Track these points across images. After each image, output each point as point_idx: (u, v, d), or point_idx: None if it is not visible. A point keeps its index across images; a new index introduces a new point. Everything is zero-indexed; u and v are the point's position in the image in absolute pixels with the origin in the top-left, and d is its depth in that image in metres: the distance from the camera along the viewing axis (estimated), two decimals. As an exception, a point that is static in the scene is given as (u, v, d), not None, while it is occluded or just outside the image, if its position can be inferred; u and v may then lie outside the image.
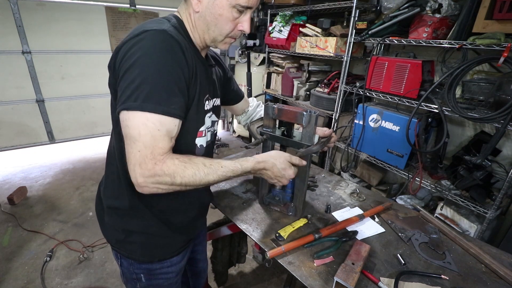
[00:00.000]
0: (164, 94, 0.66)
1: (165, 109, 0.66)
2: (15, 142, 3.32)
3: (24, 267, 1.96)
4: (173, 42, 0.68)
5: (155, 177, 0.67)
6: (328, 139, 1.02)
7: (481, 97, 1.65)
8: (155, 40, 0.66)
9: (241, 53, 3.98)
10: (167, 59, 0.66)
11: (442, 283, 0.83)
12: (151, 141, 0.65)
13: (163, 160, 0.67)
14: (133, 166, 0.66)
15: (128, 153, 0.67)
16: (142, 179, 0.66)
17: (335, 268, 0.83)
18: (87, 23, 3.29)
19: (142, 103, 0.64)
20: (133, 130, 0.65)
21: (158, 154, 0.66)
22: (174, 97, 0.68)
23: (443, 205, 1.93)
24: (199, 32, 0.79)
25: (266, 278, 1.99)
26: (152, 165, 0.66)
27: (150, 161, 0.65)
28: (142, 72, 0.64)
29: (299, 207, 1.07)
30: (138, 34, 0.67)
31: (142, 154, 0.65)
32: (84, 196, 2.82)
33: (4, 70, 3.01)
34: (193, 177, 0.71)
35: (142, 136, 0.65)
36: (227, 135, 4.65)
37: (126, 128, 0.66)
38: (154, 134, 0.65)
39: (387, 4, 1.97)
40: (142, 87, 0.64)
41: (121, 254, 0.91)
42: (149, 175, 0.66)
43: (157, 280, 0.95)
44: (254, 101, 1.26)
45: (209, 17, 0.74)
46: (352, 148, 2.38)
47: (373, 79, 2.11)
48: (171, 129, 0.69)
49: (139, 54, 0.64)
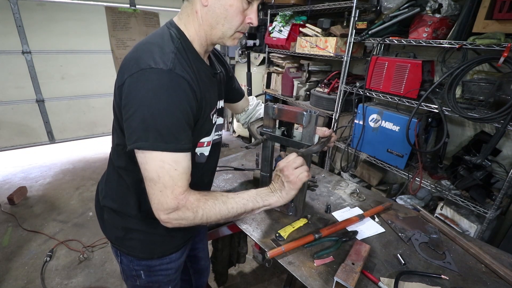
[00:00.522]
0: (174, 132, 0.68)
1: (177, 146, 0.68)
2: (15, 142, 3.32)
3: (24, 267, 1.96)
4: (181, 81, 0.68)
5: (177, 213, 0.71)
6: (328, 139, 1.02)
7: (481, 97, 1.65)
8: (162, 80, 0.66)
9: (241, 53, 3.98)
10: (175, 98, 0.67)
11: (442, 283, 0.83)
12: (170, 182, 0.68)
13: (185, 198, 0.71)
14: (157, 205, 0.70)
15: (150, 194, 0.70)
16: (165, 216, 0.71)
17: (335, 268, 0.83)
18: (87, 23, 3.29)
19: (153, 143, 0.66)
20: (152, 173, 0.68)
21: (179, 193, 0.70)
22: (183, 132, 0.70)
23: (443, 205, 1.93)
24: (205, 30, 0.76)
25: (266, 278, 1.99)
26: (175, 204, 0.70)
27: (172, 200, 0.69)
28: (153, 112, 0.65)
29: (299, 207, 1.07)
30: (145, 69, 0.66)
31: (163, 194, 0.69)
32: (84, 196, 2.82)
33: (4, 70, 3.01)
34: (213, 206, 0.75)
35: (161, 178, 0.68)
36: (227, 135, 4.65)
37: (145, 171, 0.69)
38: (172, 175, 0.68)
39: (387, 4, 1.97)
40: (153, 127, 0.66)
41: (120, 251, 0.92)
42: (171, 211, 0.70)
43: (156, 276, 0.96)
44: (254, 100, 1.27)
45: (219, 9, 0.72)
46: (352, 148, 2.38)
47: (373, 79, 2.11)
48: (186, 165, 0.71)
49: (149, 94, 0.65)
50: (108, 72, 3.60)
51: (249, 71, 3.71)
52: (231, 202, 0.77)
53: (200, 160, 0.88)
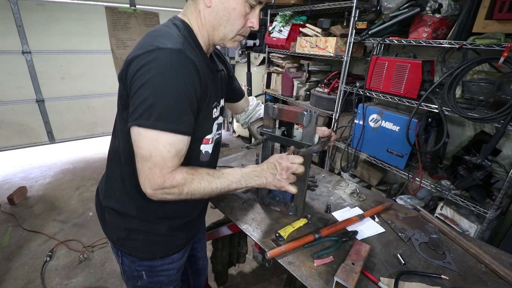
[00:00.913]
0: (176, 114, 0.68)
1: (175, 127, 0.68)
2: (15, 142, 3.32)
3: (24, 267, 1.96)
4: (188, 62, 0.68)
5: (164, 189, 0.72)
6: (328, 138, 1.03)
7: (481, 97, 1.65)
8: (171, 60, 0.66)
9: (241, 53, 3.98)
10: (181, 79, 0.67)
11: (442, 283, 0.83)
12: (160, 161, 0.69)
13: (172, 176, 0.72)
14: (143, 180, 0.71)
15: (139, 168, 0.71)
16: (151, 191, 0.72)
17: (335, 268, 0.83)
18: (87, 23, 3.29)
19: (154, 122, 0.66)
20: (144, 150, 0.68)
21: (167, 172, 0.71)
22: (185, 115, 0.70)
23: (443, 205, 1.93)
24: (208, 30, 0.78)
25: (266, 278, 1.99)
26: (162, 181, 0.71)
27: (159, 178, 0.70)
28: (156, 91, 0.65)
29: (299, 207, 1.07)
30: (153, 50, 0.66)
31: (152, 171, 0.70)
32: (84, 196, 2.82)
33: (4, 70, 3.01)
34: (198, 185, 0.76)
35: (152, 157, 0.68)
36: (227, 135, 4.65)
37: (138, 148, 0.69)
38: (164, 156, 0.69)
39: (387, 4, 1.97)
40: (155, 106, 0.66)
41: (122, 252, 0.91)
42: (158, 188, 0.71)
43: (158, 277, 0.96)
44: (254, 100, 1.27)
45: (222, 12, 0.74)
46: (352, 148, 2.38)
47: (373, 79, 2.11)
48: (180, 148, 0.72)
49: (154, 72, 0.65)
50: (108, 72, 3.60)
51: (249, 71, 3.71)
52: (216, 182, 0.78)
53: (204, 159, 0.88)
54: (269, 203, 1.13)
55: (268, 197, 1.13)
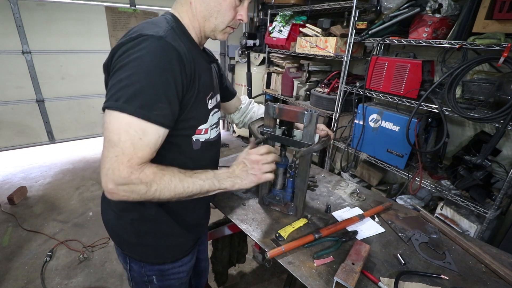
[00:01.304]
0: (148, 99, 0.63)
1: (146, 114, 0.63)
2: (15, 142, 3.32)
3: (24, 267, 1.96)
4: (169, 48, 0.66)
5: (129, 185, 0.64)
6: (329, 138, 1.03)
7: (481, 97, 1.65)
8: (150, 45, 0.64)
9: (241, 53, 3.98)
10: (160, 65, 0.64)
11: (442, 283, 0.83)
12: (130, 149, 0.63)
13: (141, 169, 0.65)
14: (106, 171, 0.63)
15: (104, 156, 0.63)
16: (113, 185, 0.63)
17: (335, 268, 0.83)
18: (87, 23, 3.29)
19: (123, 104, 0.61)
20: (113, 134, 0.62)
21: (136, 164, 0.64)
22: (159, 103, 0.65)
23: (443, 205, 1.93)
24: (199, 21, 0.78)
25: (266, 278, 1.99)
26: (128, 173, 0.63)
27: (126, 169, 0.62)
28: (131, 74, 0.63)
29: (299, 207, 1.07)
30: (136, 37, 0.65)
31: (118, 160, 0.62)
32: (84, 196, 2.82)
33: (4, 70, 3.01)
34: (169, 183, 0.69)
35: (121, 142, 0.62)
36: (227, 135, 4.64)
37: (106, 131, 0.63)
38: (134, 142, 0.63)
39: (387, 4, 1.97)
40: (127, 88, 0.62)
41: (131, 258, 0.89)
42: (122, 182, 0.63)
43: (169, 281, 0.94)
44: (246, 99, 1.26)
45: (213, 3, 0.75)
46: (352, 148, 2.38)
47: (373, 79, 2.11)
48: (155, 140, 0.66)
49: (132, 57, 0.64)
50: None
51: (249, 71, 3.71)
52: (188, 181, 0.72)
53: (196, 147, 0.83)
54: (269, 203, 1.14)
55: (268, 197, 1.13)
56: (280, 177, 1.10)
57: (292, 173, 1.07)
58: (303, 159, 0.97)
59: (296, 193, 1.06)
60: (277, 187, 1.12)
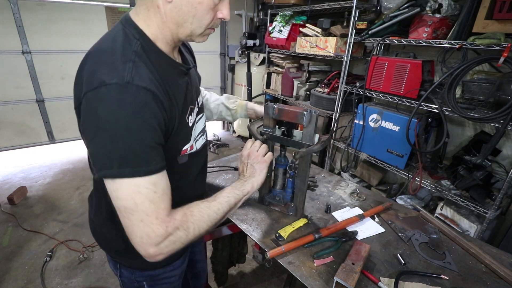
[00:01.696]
0: (141, 154, 0.59)
1: (147, 169, 0.60)
2: (15, 142, 3.32)
3: (24, 267, 1.96)
4: (141, 93, 0.59)
5: (169, 239, 0.62)
6: (329, 138, 1.03)
7: (481, 97, 1.65)
8: (121, 97, 0.57)
9: (241, 53, 3.98)
10: (138, 115, 0.58)
11: (442, 283, 0.83)
12: (151, 207, 0.60)
13: (171, 218, 0.63)
14: (140, 239, 0.60)
15: (128, 226, 0.60)
16: (155, 248, 0.61)
17: (335, 268, 0.83)
18: (87, 23, 3.29)
19: (118, 170, 0.58)
20: (127, 201, 0.59)
21: (165, 215, 0.62)
22: (152, 152, 0.61)
23: (443, 205, 1.93)
24: (171, 28, 0.67)
25: (266, 278, 1.99)
26: (164, 229, 0.61)
27: (159, 226, 0.60)
28: (112, 136, 0.57)
29: (299, 207, 1.07)
30: (98, 87, 0.57)
31: (146, 223, 0.60)
32: (84, 196, 2.82)
33: (4, 70, 3.01)
34: (200, 215, 0.68)
35: (139, 205, 0.59)
36: (227, 135, 4.64)
37: (117, 200, 0.60)
38: (152, 198, 0.60)
39: (387, 4, 1.97)
40: (115, 152, 0.58)
41: (121, 264, 0.88)
42: (161, 240, 0.61)
43: (160, 285, 0.93)
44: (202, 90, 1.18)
45: (186, 7, 0.63)
46: (352, 148, 2.38)
47: (373, 79, 2.11)
48: (165, 184, 0.64)
49: (104, 115, 0.57)
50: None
51: (249, 71, 3.71)
52: (214, 204, 0.72)
53: (182, 161, 0.81)
54: (269, 203, 1.13)
55: (268, 197, 1.13)
56: (280, 177, 1.10)
57: (292, 173, 1.07)
58: (303, 160, 0.97)
59: (296, 193, 1.06)
60: (277, 187, 1.12)
